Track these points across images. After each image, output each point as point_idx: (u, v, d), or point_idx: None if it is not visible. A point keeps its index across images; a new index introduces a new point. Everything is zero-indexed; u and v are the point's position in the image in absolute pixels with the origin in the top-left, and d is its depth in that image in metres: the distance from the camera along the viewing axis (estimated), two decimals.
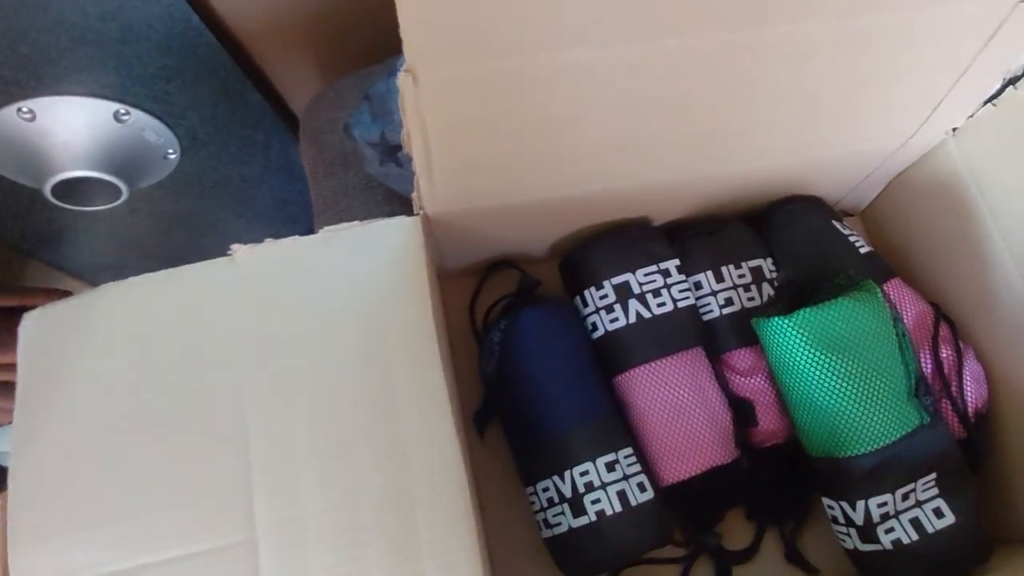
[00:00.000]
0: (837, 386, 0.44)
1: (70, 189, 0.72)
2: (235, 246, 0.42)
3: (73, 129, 0.68)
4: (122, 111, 0.68)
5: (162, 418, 0.40)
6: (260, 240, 0.42)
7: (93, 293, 0.42)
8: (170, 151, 0.75)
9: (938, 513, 0.45)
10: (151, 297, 0.42)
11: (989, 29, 0.41)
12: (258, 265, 0.42)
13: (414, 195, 0.44)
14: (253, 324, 0.41)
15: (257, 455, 0.39)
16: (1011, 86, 0.47)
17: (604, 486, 0.47)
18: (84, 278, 1.01)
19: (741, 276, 0.54)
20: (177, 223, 0.88)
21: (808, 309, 0.45)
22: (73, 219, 0.83)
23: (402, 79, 0.34)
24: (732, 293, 0.53)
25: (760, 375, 0.52)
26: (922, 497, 0.45)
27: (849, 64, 0.41)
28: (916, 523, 0.45)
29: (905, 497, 0.45)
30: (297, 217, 0.97)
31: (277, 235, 0.42)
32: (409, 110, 0.36)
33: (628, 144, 0.44)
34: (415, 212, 0.45)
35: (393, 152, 0.56)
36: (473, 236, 0.52)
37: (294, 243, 0.43)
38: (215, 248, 0.42)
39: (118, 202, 0.75)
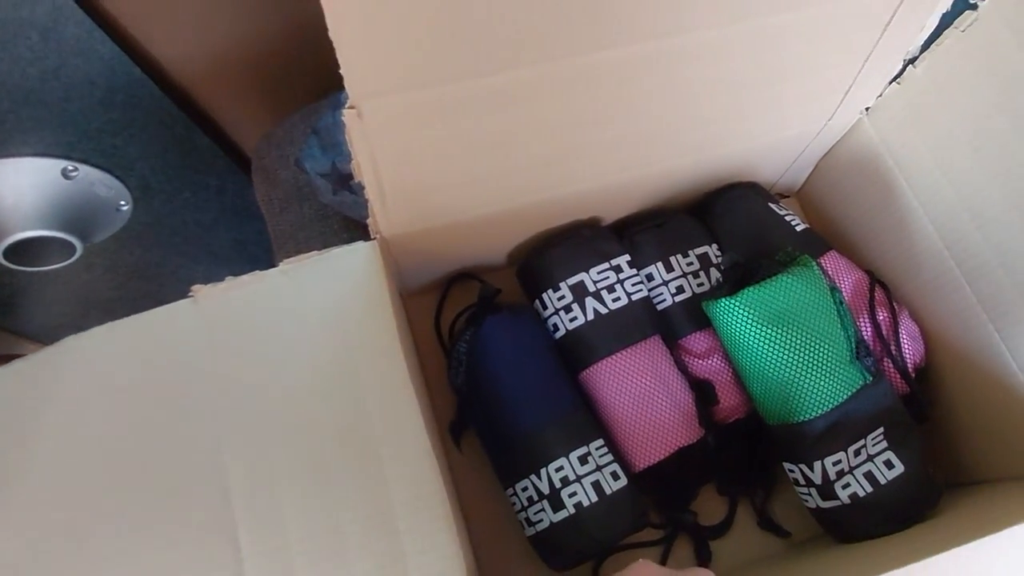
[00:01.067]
0: (784, 357, 0.47)
1: (23, 251, 0.71)
2: (195, 287, 0.42)
3: (21, 190, 0.68)
4: (70, 168, 0.68)
5: (137, 464, 0.40)
6: None
7: (53, 348, 0.42)
8: (122, 203, 0.76)
9: (888, 464, 0.48)
10: (113, 346, 0.42)
11: (885, 18, 0.44)
12: (220, 304, 0.43)
13: (369, 221, 0.46)
14: (220, 362, 0.42)
15: (237, 490, 0.39)
16: (911, 65, 0.51)
17: (579, 479, 0.49)
18: (44, 341, 0.99)
19: (689, 264, 0.57)
20: (136, 275, 0.88)
21: (751, 288, 0.48)
22: (29, 281, 0.83)
23: (347, 115, 0.36)
24: (682, 281, 0.56)
25: (716, 355, 0.54)
26: (873, 451, 0.48)
27: (766, 60, 0.44)
28: (870, 476, 0.48)
29: (857, 453, 0.48)
30: (258, 257, 0.98)
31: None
32: (356, 142, 0.38)
33: (571, 153, 0.46)
34: (372, 237, 0.47)
35: (345, 181, 0.58)
36: (431, 254, 0.54)
37: (254, 279, 0.43)
38: (177, 297, 0.42)
39: (73, 259, 0.75)
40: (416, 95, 0.36)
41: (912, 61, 0.50)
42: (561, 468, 0.49)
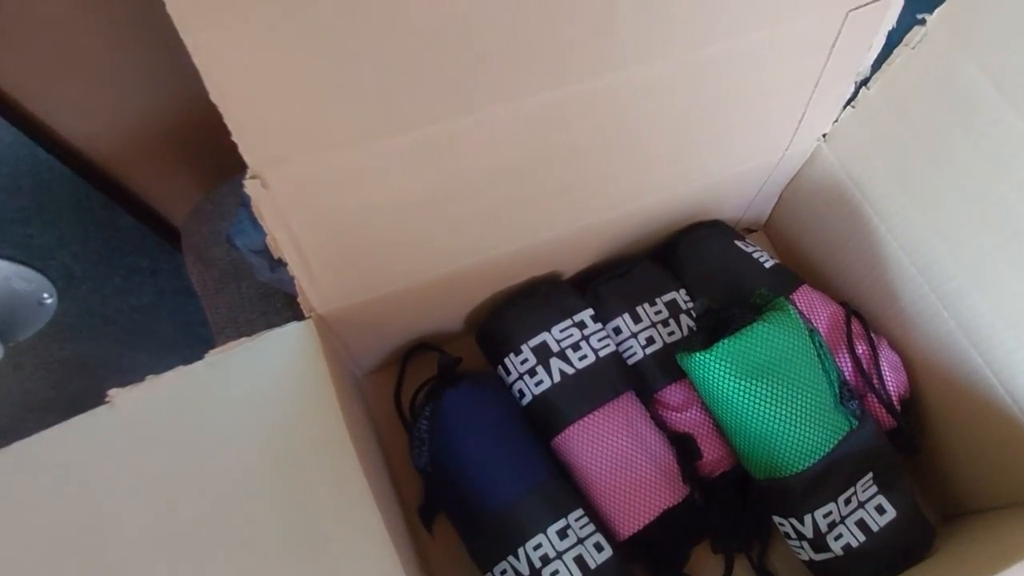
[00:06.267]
0: (766, 410, 0.44)
1: None
2: (112, 391, 0.39)
3: None
4: None
5: None
6: None
7: None
8: (45, 296, 0.71)
9: (880, 510, 0.46)
10: (26, 465, 0.38)
11: (828, 40, 0.43)
12: (141, 408, 0.39)
13: (300, 299, 0.42)
14: (147, 473, 0.38)
15: None
16: (864, 87, 0.49)
17: (560, 555, 0.45)
18: None
19: (658, 312, 0.54)
20: (71, 370, 0.82)
21: (727, 340, 0.45)
22: None
23: (250, 186, 0.32)
24: (652, 331, 0.53)
25: (694, 407, 0.51)
26: (863, 497, 0.46)
27: (709, 92, 0.42)
28: (862, 524, 0.46)
29: (847, 501, 0.46)
30: (206, 339, 0.91)
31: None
32: (267, 215, 0.34)
33: (511, 206, 0.43)
34: (306, 316, 0.43)
35: None
36: (379, 327, 0.51)
37: (177, 375, 0.39)
38: None
39: None
40: (327, 157, 0.33)
41: (865, 82, 0.49)
42: (540, 545, 0.46)
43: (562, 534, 0.46)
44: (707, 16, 0.36)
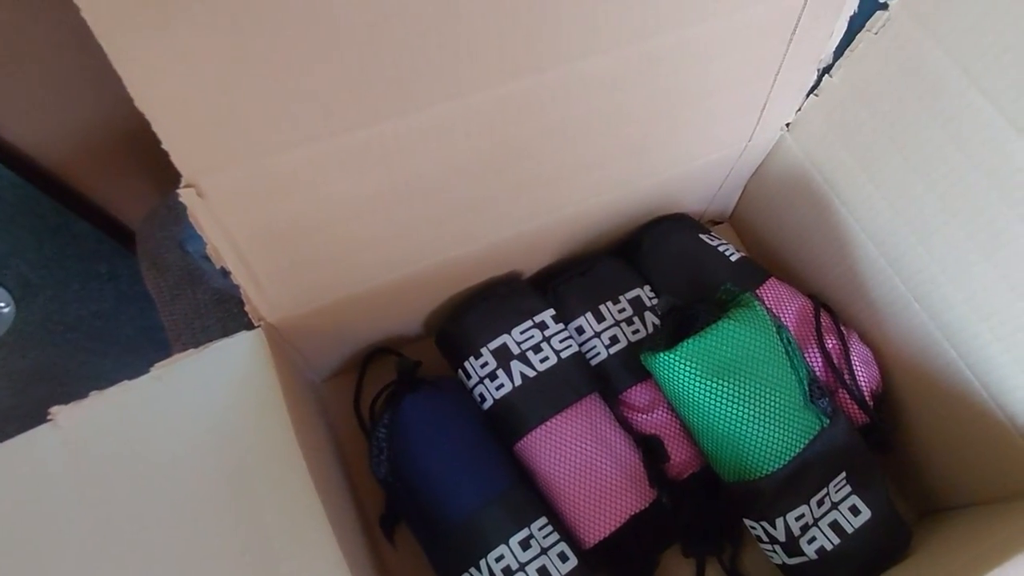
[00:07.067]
0: (734, 411, 0.43)
1: None
2: (54, 408, 0.37)
3: None
4: None
5: None
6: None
7: None
8: (2, 304, 0.69)
9: (854, 511, 0.45)
10: None
11: (788, 27, 0.41)
12: (85, 425, 0.37)
13: (247, 307, 0.40)
14: (90, 493, 0.36)
15: None
16: (827, 74, 0.48)
17: (523, 567, 0.44)
18: None
19: (621, 311, 0.52)
20: (33, 379, 0.81)
21: (692, 339, 0.43)
22: None
23: (185, 195, 0.31)
24: (615, 330, 0.51)
25: (661, 408, 0.50)
26: (836, 498, 0.45)
27: (665, 84, 0.40)
28: (836, 526, 0.44)
29: (820, 503, 0.44)
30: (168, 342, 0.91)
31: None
32: (205, 224, 0.33)
33: (463, 207, 0.42)
34: (254, 325, 0.41)
35: None
36: (333, 334, 0.49)
37: (122, 391, 0.38)
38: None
39: None
40: (265, 162, 0.31)
41: (828, 70, 0.47)
42: (502, 557, 0.44)
43: (525, 544, 0.44)
44: (657, 4, 0.34)
